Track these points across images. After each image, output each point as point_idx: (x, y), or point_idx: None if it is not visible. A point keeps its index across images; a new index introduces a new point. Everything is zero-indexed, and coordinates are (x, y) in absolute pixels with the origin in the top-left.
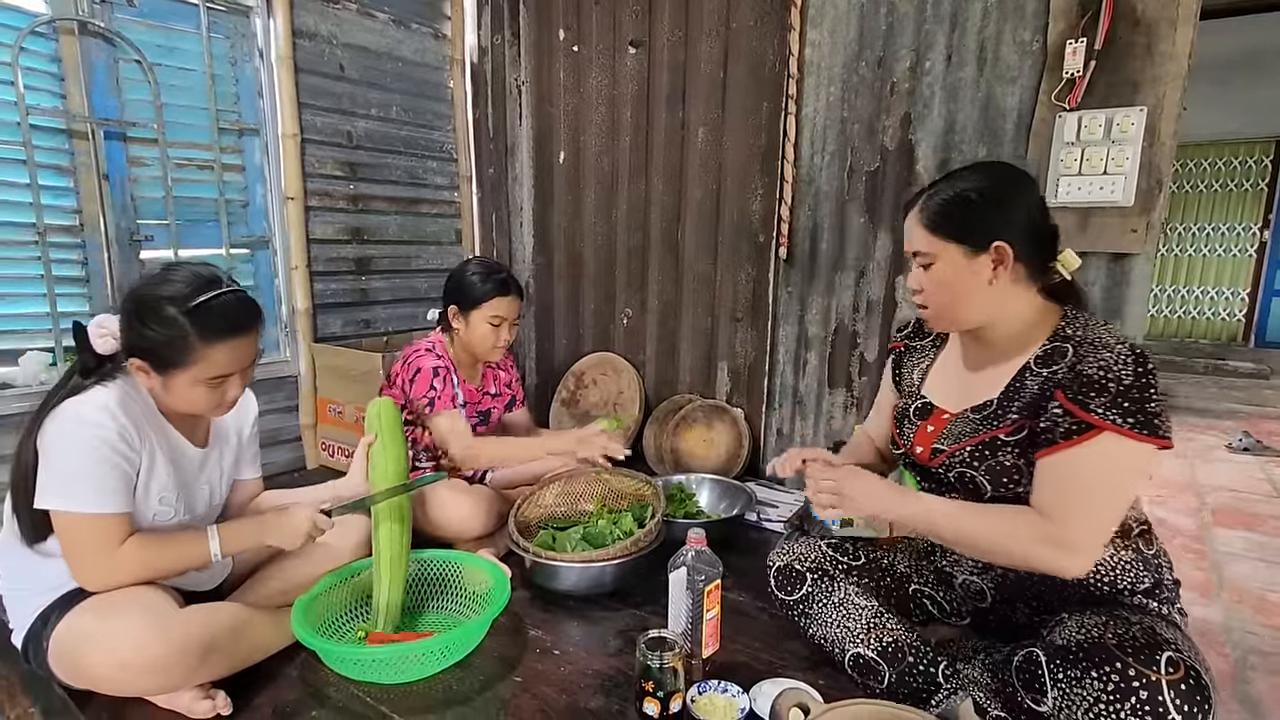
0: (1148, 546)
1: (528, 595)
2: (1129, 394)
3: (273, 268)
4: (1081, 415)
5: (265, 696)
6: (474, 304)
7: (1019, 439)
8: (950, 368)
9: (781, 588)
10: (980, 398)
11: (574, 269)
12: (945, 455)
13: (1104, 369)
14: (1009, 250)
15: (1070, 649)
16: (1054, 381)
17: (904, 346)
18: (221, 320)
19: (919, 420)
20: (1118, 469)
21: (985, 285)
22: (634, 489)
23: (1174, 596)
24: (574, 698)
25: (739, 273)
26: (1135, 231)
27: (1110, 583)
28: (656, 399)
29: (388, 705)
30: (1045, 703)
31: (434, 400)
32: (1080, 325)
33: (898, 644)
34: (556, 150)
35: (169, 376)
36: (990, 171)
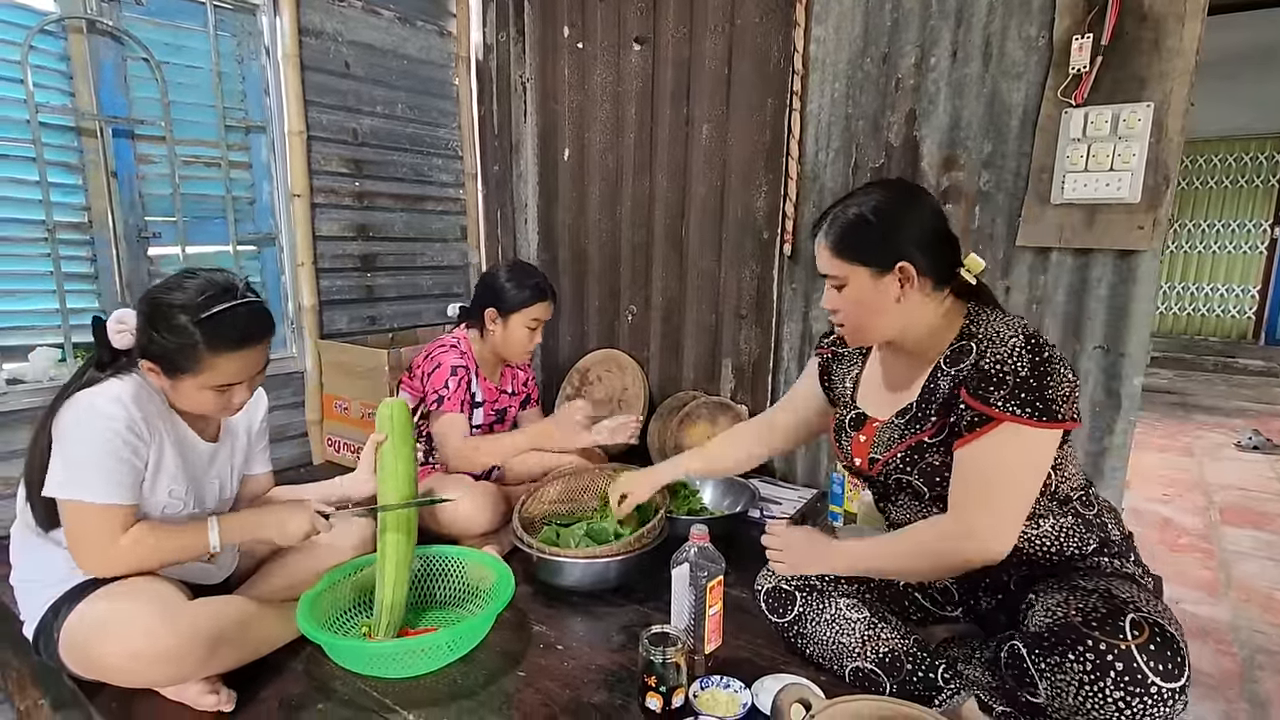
0: (1087, 508)
1: (531, 591)
2: (1026, 384)
3: (279, 264)
4: (981, 409)
5: (272, 689)
6: (515, 308)
7: (942, 439)
8: (876, 376)
9: (773, 610)
10: (902, 403)
11: (579, 265)
12: (881, 464)
13: (1000, 363)
14: (912, 269)
15: (1044, 636)
16: (959, 379)
17: (831, 354)
18: (231, 331)
19: (854, 431)
20: (1018, 456)
21: (894, 303)
22: None
23: (1125, 550)
24: (577, 692)
25: (743, 269)
26: (1142, 228)
27: (1057, 550)
28: (661, 395)
29: (393, 698)
30: (1039, 694)
31: (443, 399)
32: (983, 322)
33: (895, 653)
34: (561, 147)
35: (177, 380)
36: (885, 191)
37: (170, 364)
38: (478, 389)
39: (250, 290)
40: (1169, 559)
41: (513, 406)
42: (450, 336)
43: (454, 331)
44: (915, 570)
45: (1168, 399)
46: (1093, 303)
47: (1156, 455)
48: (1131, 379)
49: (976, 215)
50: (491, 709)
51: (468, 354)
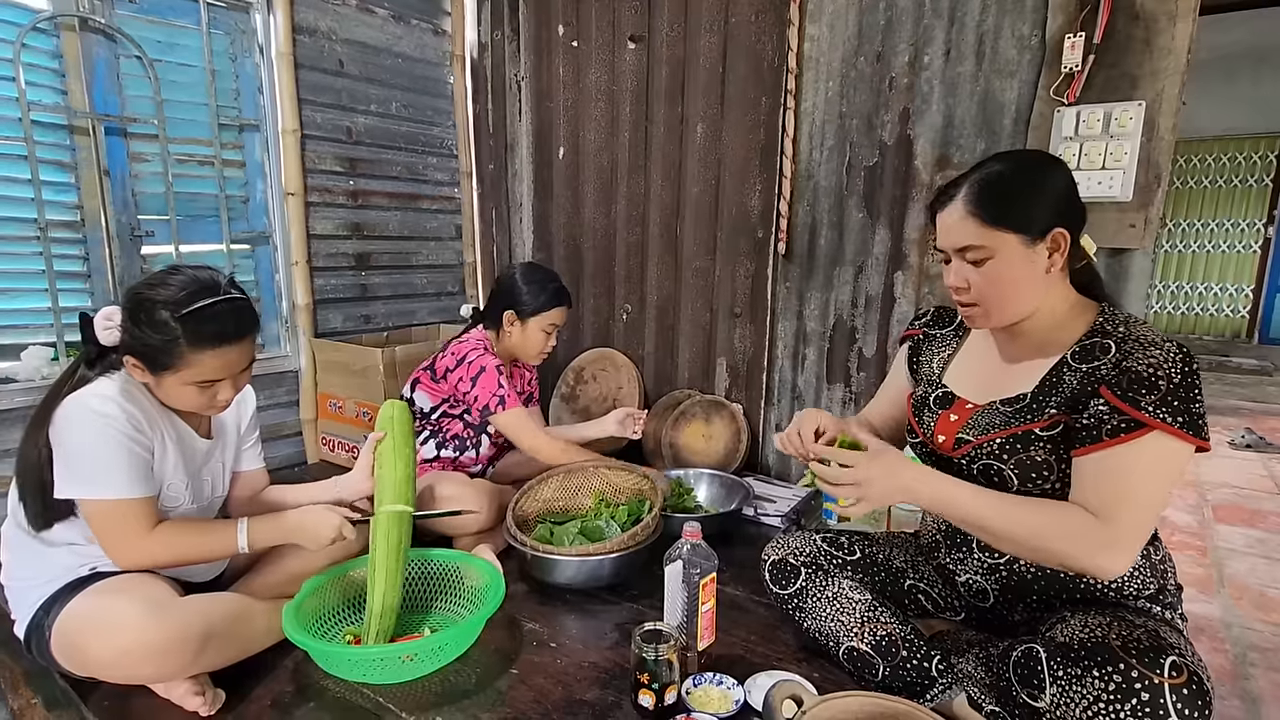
0: (1155, 552)
1: (525, 588)
2: (1178, 393)
3: (273, 263)
4: (1131, 413)
5: (264, 688)
6: (535, 311)
7: (1054, 434)
8: (975, 358)
9: (776, 581)
10: (1012, 390)
11: (573, 265)
12: (971, 446)
13: (1154, 366)
14: (1067, 236)
15: (1073, 647)
16: (1097, 377)
17: (923, 334)
18: (213, 327)
19: (939, 409)
20: (1163, 468)
21: (1042, 275)
22: (632, 483)
23: (1176, 601)
24: (570, 690)
25: (738, 268)
26: (1134, 227)
27: (1117, 588)
28: (655, 394)
29: (384, 697)
30: (1043, 699)
31: (503, 399)
32: (1121, 322)
33: (891, 638)
34: (556, 146)
35: (160, 376)
36: (1029, 157)
37: (152, 360)
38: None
39: (235, 287)
40: None
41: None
42: (473, 339)
43: (473, 333)
44: (1022, 543)
45: None
46: None
47: None
48: None
49: None
50: (484, 707)
51: (491, 353)
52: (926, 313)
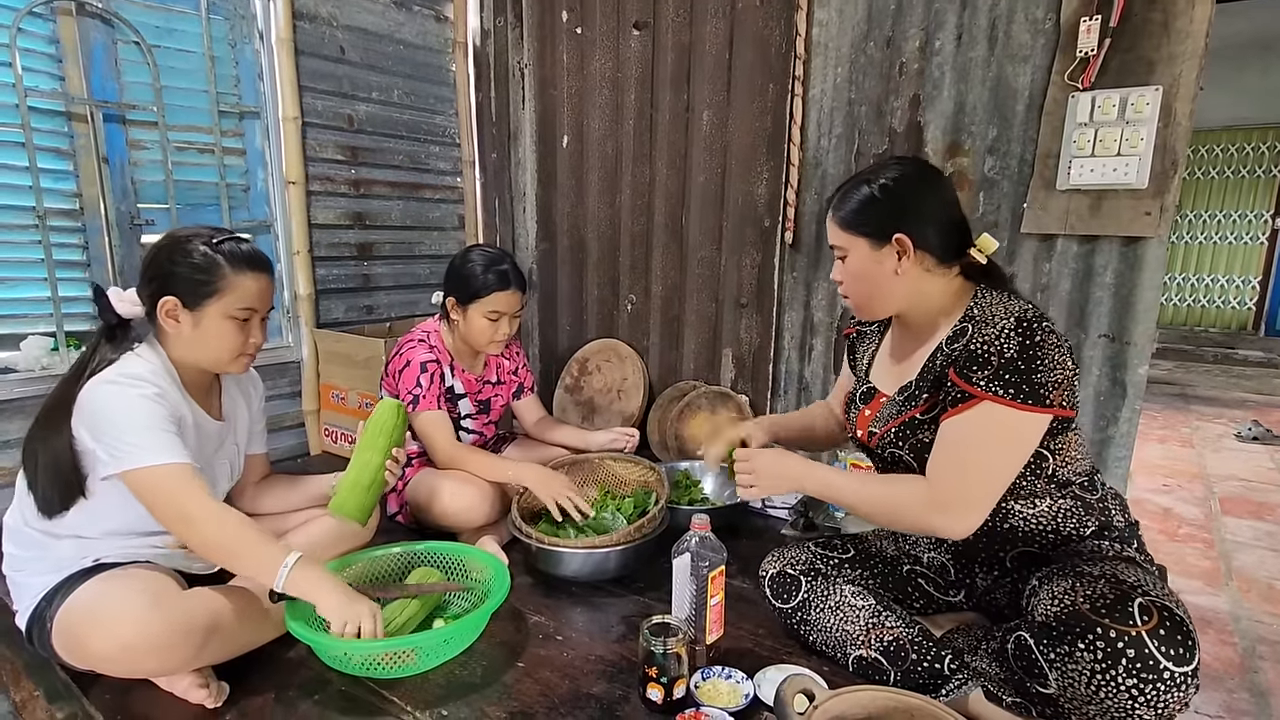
0: (1088, 493)
1: (531, 582)
2: (1011, 365)
3: (274, 253)
4: (964, 386)
5: (268, 681)
6: (471, 297)
7: (932, 415)
8: (888, 353)
9: (777, 596)
10: (905, 379)
11: (577, 255)
12: (878, 437)
13: (987, 343)
14: (908, 241)
15: (1051, 625)
16: (950, 360)
17: (855, 332)
18: (247, 248)
19: (862, 404)
20: (994, 436)
21: (892, 275)
22: (638, 475)
23: (1128, 536)
24: (577, 683)
25: (744, 258)
26: (1149, 215)
27: (1054, 530)
28: (660, 386)
29: (389, 690)
30: (1050, 685)
31: (418, 398)
32: (985, 304)
33: (899, 642)
34: (560, 134)
35: (200, 310)
36: (897, 168)
37: (193, 291)
38: (455, 381)
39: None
40: (1169, 549)
41: (500, 396)
42: (420, 329)
43: (425, 323)
44: (881, 517)
45: (1168, 390)
46: (1098, 290)
47: (1157, 446)
48: (1136, 368)
49: (981, 202)
50: (490, 701)
51: (438, 346)
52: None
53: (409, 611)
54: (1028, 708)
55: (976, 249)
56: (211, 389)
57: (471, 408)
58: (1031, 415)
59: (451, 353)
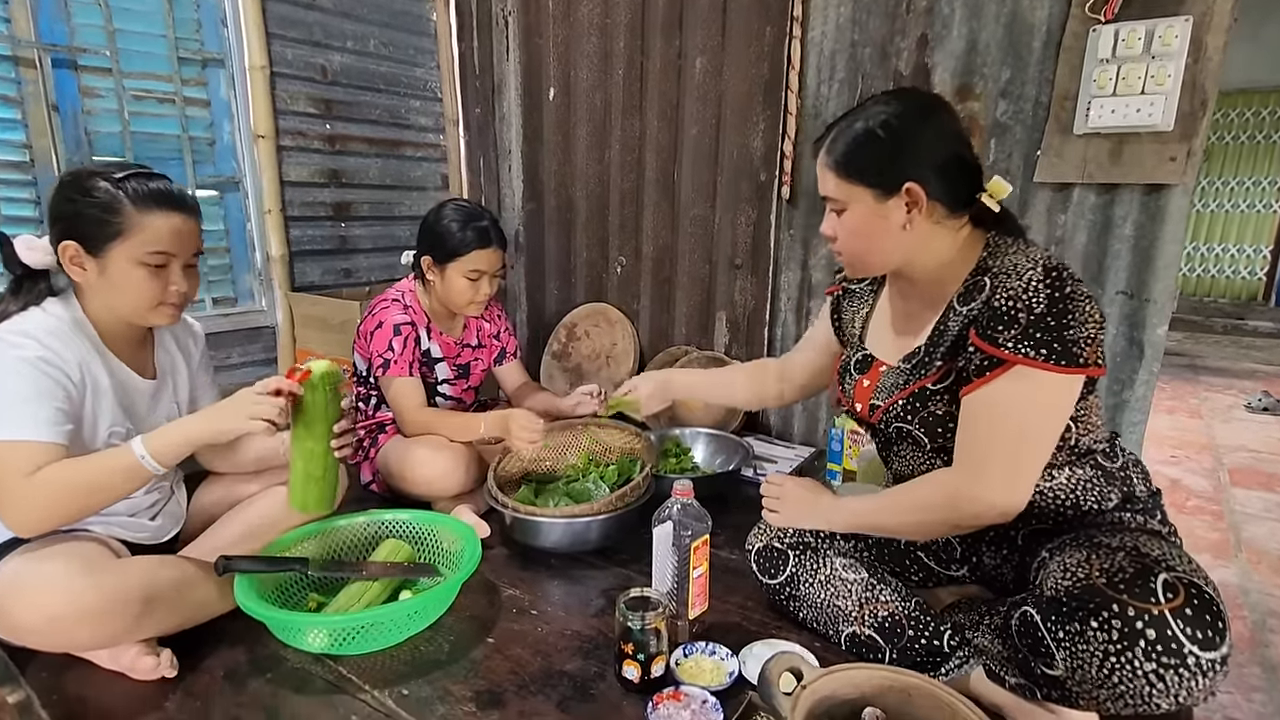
0: (1110, 461)
1: (507, 553)
2: (1041, 323)
3: (244, 211)
4: (990, 350)
5: (216, 658)
6: (450, 256)
7: (946, 385)
8: (886, 316)
9: (764, 571)
10: (911, 346)
11: (565, 215)
12: (881, 410)
13: (1012, 298)
14: (921, 192)
15: (1061, 600)
16: (969, 319)
17: (842, 290)
18: (157, 185)
19: (859, 374)
20: (1031, 403)
21: (898, 230)
22: (623, 442)
23: (1151, 506)
24: (549, 660)
25: (738, 215)
26: (1174, 160)
27: (1073, 505)
28: (651, 351)
29: (347, 668)
30: (1057, 666)
31: (389, 362)
32: (1001, 254)
33: (895, 617)
34: (546, 86)
35: (104, 256)
36: (897, 102)
37: (93, 234)
38: (432, 345)
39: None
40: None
41: (480, 360)
42: (394, 289)
43: (399, 283)
44: (921, 528)
45: (1177, 361)
46: (1116, 244)
47: (1165, 417)
48: (1156, 327)
49: (992, 149)
50: (455, 679)
51: (414, 307)
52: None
53: (371, 593)
54: (1032, 690)
55: (987, 194)
56: (143, 344)
57: (449, 372)
58: (1067, 378)
59: (428, 314)
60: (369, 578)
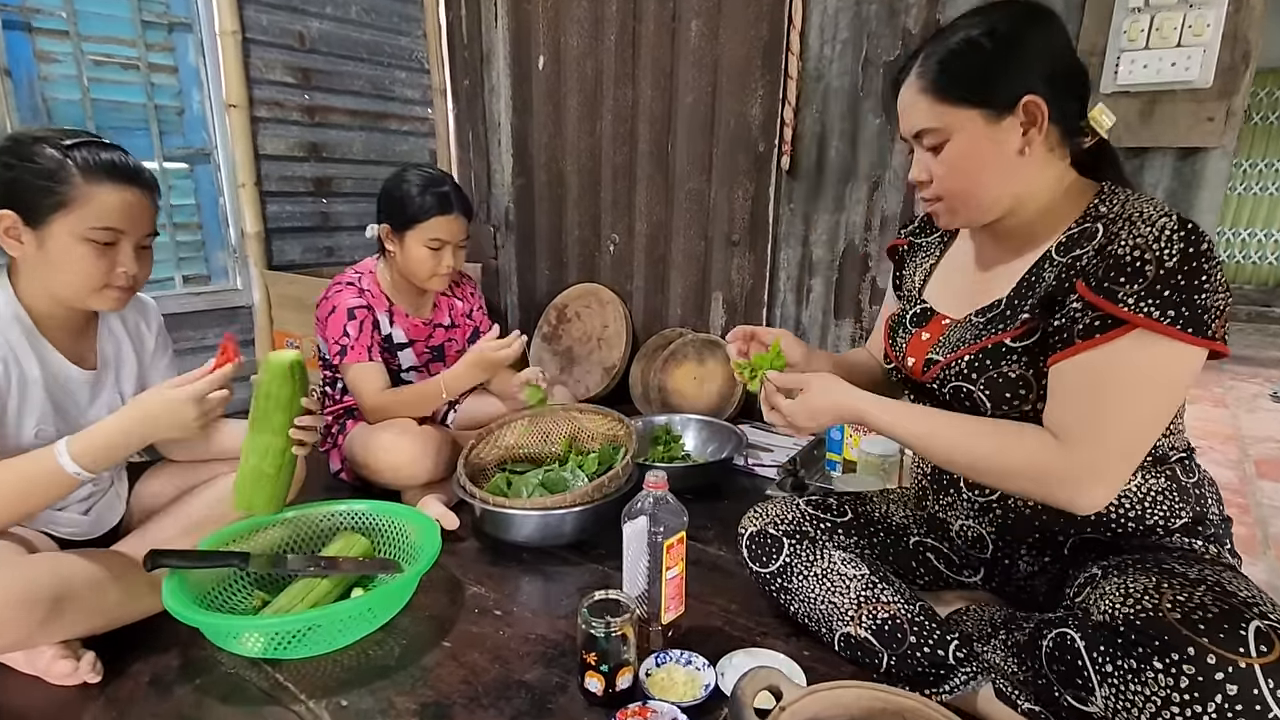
0: (1187, 475)
1: (477, 547)
2: (1171, 279)
3: (216, 184)
4: (1107, 307)
5: (146, 662)
6: (408, 223)
7: (1028, 344)
8: (956, 267)
9: (755, 558)
10: (988, 299)
11: (556, 191)
12: (940, 367)
13: (1139, 247)
14: (1042, 106)
15: (1117, 630)
16: (1076, 269)
17: (908, 244)
18: (109, 156)
19: (915, 328)
20: (1151, 377)
21: (1014, 157)
22: (606, 429)
23: (1223, 535)
24: (508, 668)
25: (735, 189)
26: (1212, 120)
27: (1136, 518)
28: (645, 333)
29: (285, 673)
30: (1093, 702)
31: (346, 348)
32: (1120, 200)
33: (895, 620)
34: (535, 54)
35: (45, 229)
36: (998, 10)
37: (35, 204)
38: (395, 328)
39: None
40: None
41: (455, 341)
42: (352, 270)
43: (360, 263)
44: (980, 475)
45: None
46: None
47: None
48: None
49: None
50: (400, 689)
51: (372, 289)
52: (915, 220)
53: (318, 592)
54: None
55: (1091, 121)
56: (85, 331)
57: (415, 359)
58: (1193, 351)
59: (389, 296)
60: (318, 574)
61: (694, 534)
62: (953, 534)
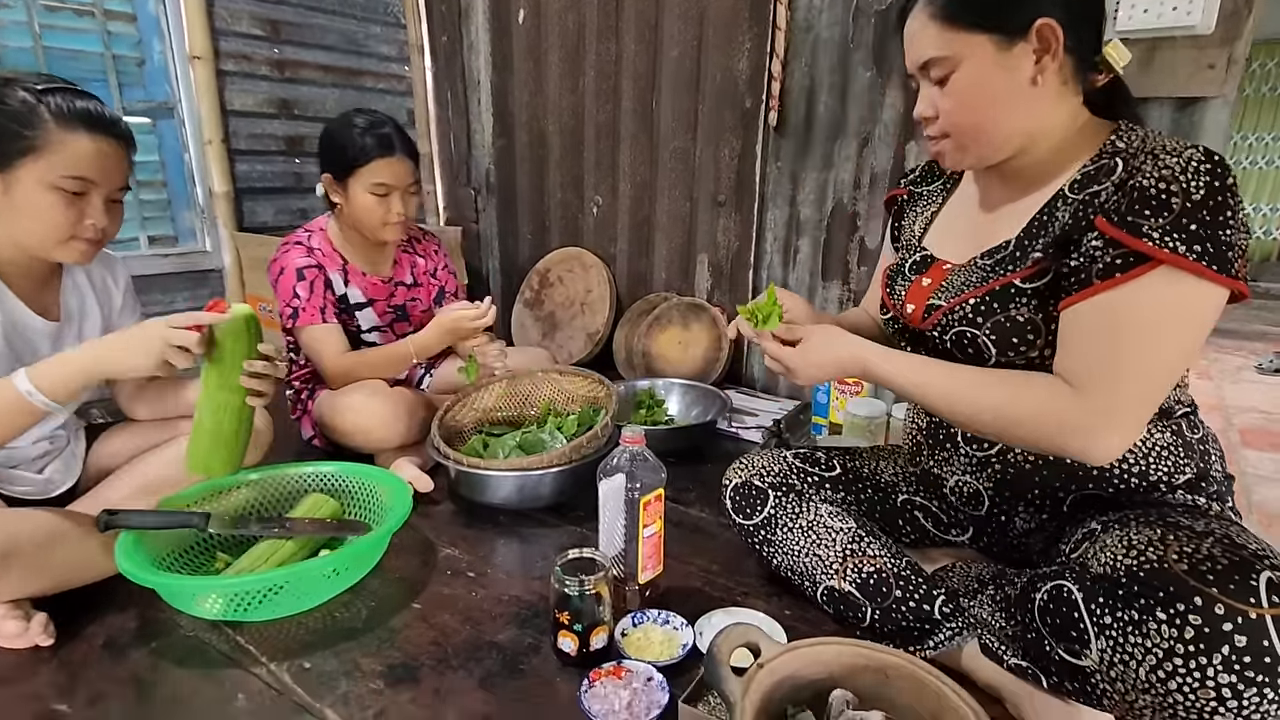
0: (1190, 429)
1: (453, 509)
2: (1198, 213)
3: (181, 140)
4: (1130, 242)
5: (99, 625)
6: (349, 168)
7: (1039, 286)
8: (959, 213)
9: (739, 510)
10: (995, 240)
11: (538, 151)
12: (942, 312)
13: (1165, 179)
14: (1057, 31)
15: (1119, 581)
16: (1094, 205)
17: (908, 194)
18: (85, 109)
19: (914, 275)
20: (1176, 316)
21: (1027, 87)
22: (586, 390)
23: (1225, 492)
24: (479, 629)
25: (722, 147)
26: (1213, 68)
27: (1140, 473)
28: (629, 298)
29: (246, 636)
30: (1088, 655)
31: (298, 310)
32: (1139, 137)
33: (881, 574)
34: (515, 8)
35: (11, 174)
36: None
37: (3, 147)
38: (351, 288)
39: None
40: None
41: (419, 301)
42: (302, 230)
43: (311, 221)
44: (984, 428)
45: None
46: None
47: None
48: None
49: None
50: (367, 650)
51: (323, 248)
52: (916, 169)
53: (283, 553)
54: (1039, 675)
55: (1107, 55)
56: (48, 282)
57: (377, 319)
58: (1216, 289)
59: (342, 253)
60: (283, 535)
61: (676, 496)
62: (946, 490)
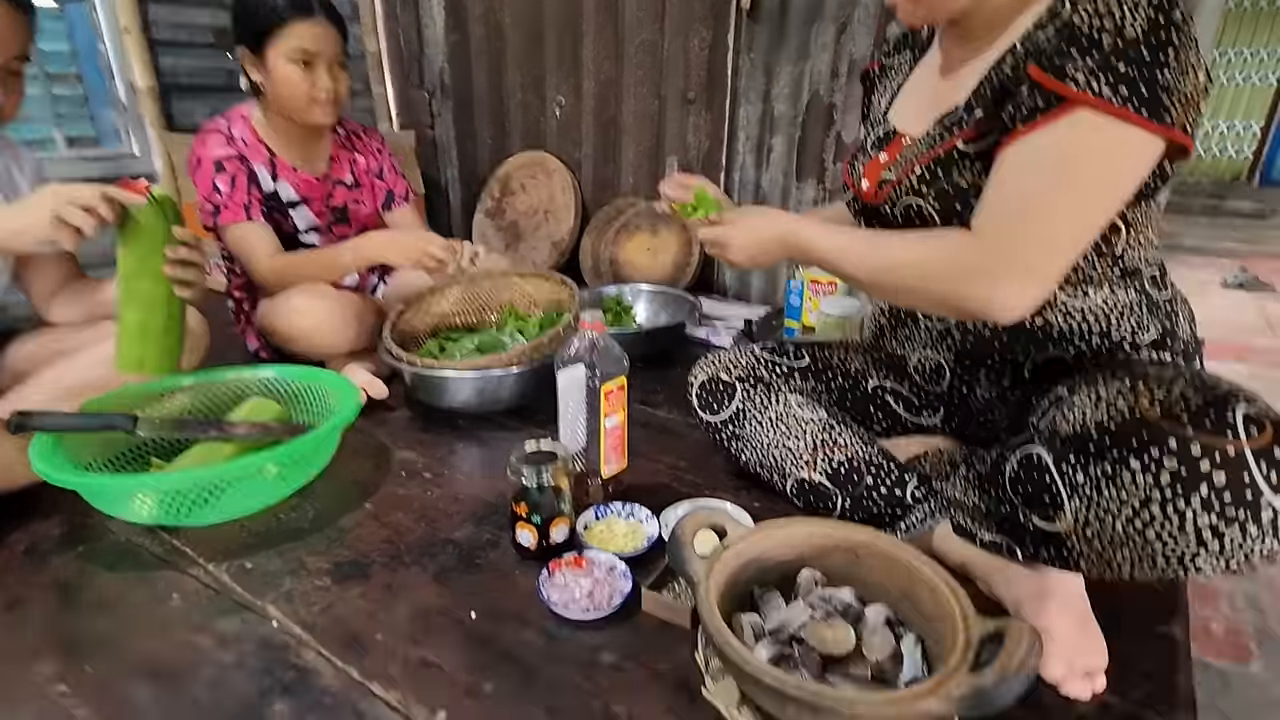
0: (1158, 289)
1: (409, 415)
2: (1130, 51)
3: (94, 28)
4: (1050, 84)
5: (22, 532)
6: (265, 34)
7: (981, 146)
8: (923, 82)
9: (706, 406)
10: (950, 105)
11: (495, 45)
12: (891, 185)
13: (1099, 14)
14: None
15: (1088, 436)
16: (1032, 53)
17: (879, 67)
18: None
19: (874, 152)
20: (1093, 161)
21: None
22: (549, 293)
23: (1194, 353)
24: (434, 527)
25: (691, 38)
26: None
27: (1101, 332)
28: (594, 205)
29: (181, 539)
30: (1062, 518)
31: (219, 207)
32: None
33: (852, 463)
34: None
35: None
36: None
37: None
38: (281, 183)
39: None
40: None
41: (362, 204)
42: (222, 117)
43: (233, 109)
44: (899, 294)
45: None
46: None
47: None
48: None
49: None
50: (314, 548)
51: (245, 137)
52: (889, 40)
53: (221, 456)
54: (1012, 547)
55: None
56: None
57: (315, 219)
58: (1144, 136)
59: (269, 145)
60: (220, 438)
61: (643, 399)
62: (910, 369)
